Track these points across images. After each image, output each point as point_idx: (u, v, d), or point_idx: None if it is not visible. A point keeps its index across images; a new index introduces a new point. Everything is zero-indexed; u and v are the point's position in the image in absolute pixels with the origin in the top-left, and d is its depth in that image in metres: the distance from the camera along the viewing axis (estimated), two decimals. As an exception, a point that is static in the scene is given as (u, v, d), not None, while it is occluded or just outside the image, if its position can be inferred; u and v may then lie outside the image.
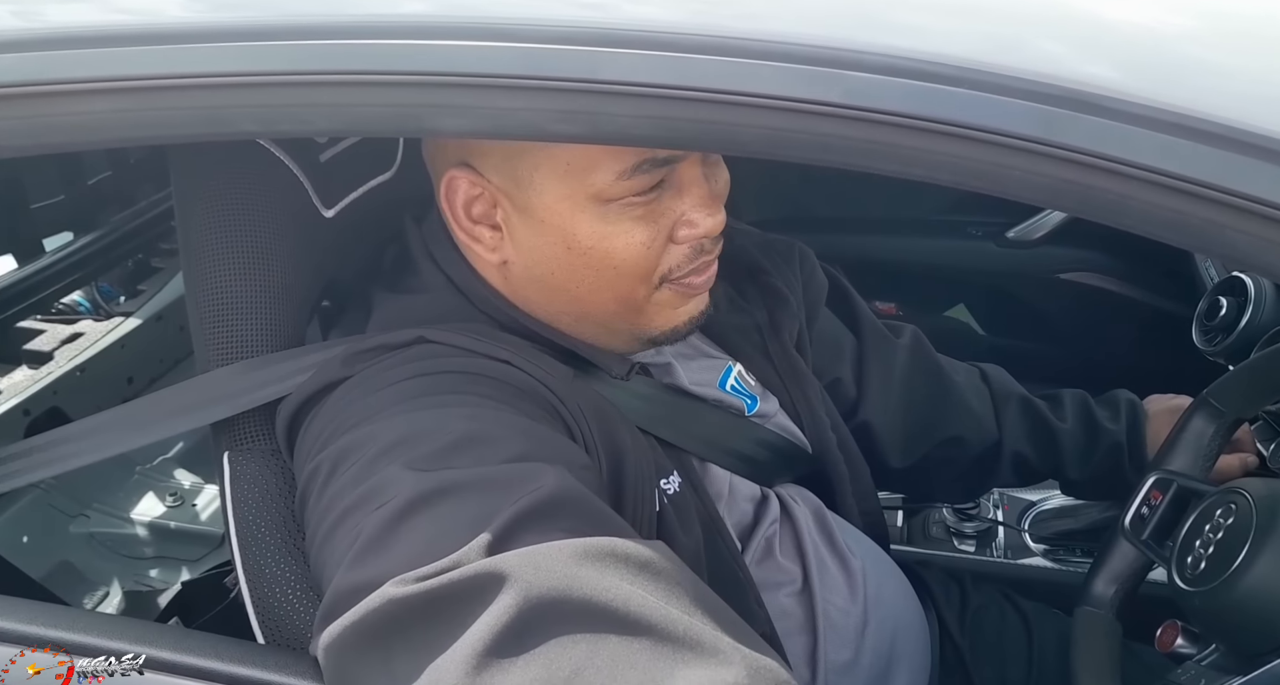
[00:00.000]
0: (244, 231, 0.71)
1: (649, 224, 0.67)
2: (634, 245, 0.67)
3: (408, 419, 0.58)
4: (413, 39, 0.52)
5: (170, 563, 1.37)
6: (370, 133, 0.69)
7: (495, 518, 0.48)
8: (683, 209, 0.67)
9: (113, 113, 0.52)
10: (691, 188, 0.67)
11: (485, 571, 0.45)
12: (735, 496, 0.83)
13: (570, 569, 0.46)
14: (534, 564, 0.45)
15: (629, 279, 0.69)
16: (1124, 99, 0.43)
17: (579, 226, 0.66)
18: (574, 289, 0.70)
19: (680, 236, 0.68)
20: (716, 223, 0.68)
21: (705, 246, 0.70)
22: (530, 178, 0.66)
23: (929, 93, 0.45)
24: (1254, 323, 1.06)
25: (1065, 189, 0.45)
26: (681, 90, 0.48)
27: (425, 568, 0.46)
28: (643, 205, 0.66)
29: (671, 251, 0.69)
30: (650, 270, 0.69)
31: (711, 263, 0.72)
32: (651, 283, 0.70)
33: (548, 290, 0.71)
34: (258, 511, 0.66)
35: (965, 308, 1.91)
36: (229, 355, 0.70)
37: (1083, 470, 1.03)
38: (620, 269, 0.68)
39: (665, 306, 0.72)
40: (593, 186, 0.64)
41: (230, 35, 0.52)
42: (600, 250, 0.67)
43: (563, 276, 0.69)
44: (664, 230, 0.68)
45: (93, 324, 1.47)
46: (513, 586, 0.44)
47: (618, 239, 0.66)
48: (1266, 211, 0.41)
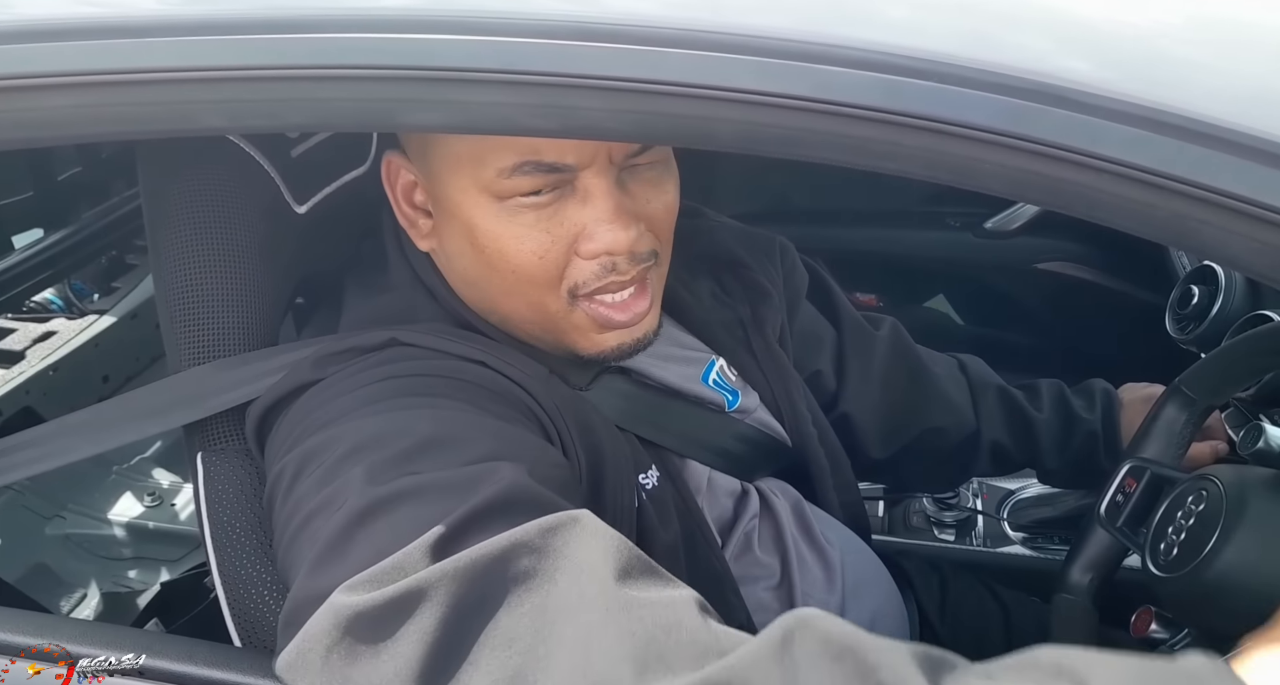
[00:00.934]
0: (214, 229, 0.70)
1: (542, 232, 0.64)
2: (525, 251, 0.64)
3: (374, 422, 0.57)
4: (384, 33, 0.51)
5: (149, 563, 1.36)
6: (341, 127, 0.68)
7: (446, 519, 0.48)
8: (584, 220, 0.64)
9: (74, 108, 0.51)
10: (596, 199, 0.64)
11: (412, 588, 0.45)
12: (715, 491, 0.83)
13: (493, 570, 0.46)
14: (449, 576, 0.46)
15: (531, 287, 0.66)
16: (1094, 93, 0.43)
17: (476, 221, 0.65)
18: (489, 289, 0.69)
19: (583, 250, 0.65)
20: (617, 239, 0.64)
21: (619, 266, 0.66)
22: (439, 168, 0.65)
23: (899, 86, 0.45)
24: (1224, 311, 1.07)
25: (1035, 181, 0.45)
26: (653, 84, 0.47)
27: (369, 571, 0.46)
28: (534, 210, 0.64)
29: (576, 265, 0.66)
30: (550, 281, 0.66)
31: (628, 286, 0.68)
32: (560, 296, 0.67)
33: (472, 287, 0.71)
34: (232, 512, 0.65)
35: (945, 298, 1.92)
36: (201, 355, 0.70)
37: (1060, 459, 1.04)
38: (519, 274, 0.66)
39: (587, 330, 0.69)
40: (481, 181, 0.63)
41: (197, 29, 0.51)
42: (495, 250, 0.65)
43: (476, 274, 0.69)
44: (562, 240, 0.65)
45: (65, 322, 1.44)
46: (434, 599, 0.45)
47: (509, 242, 0.64)
48: (1234, 205, 0.42)
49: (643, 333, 0.72)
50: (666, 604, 0.45)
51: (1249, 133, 0.42)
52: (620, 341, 0.71)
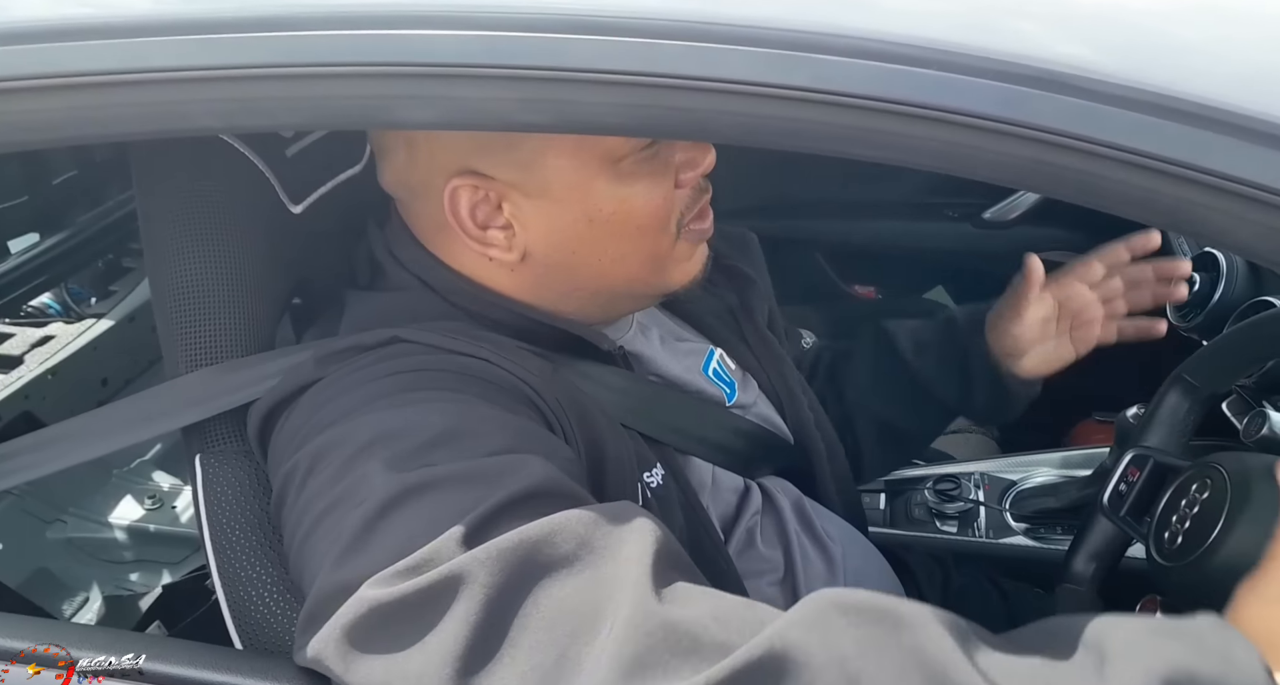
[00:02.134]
0: (209, 230, 0.69)
1: (659, 176, 0.68)
2: (654, 202, 0.68)
3: (385, 416, 0.57)
4: (375, 29, 0.51)
5: (151, 566, 1.35)
6: (334, 126, 0.68)
7: (475, 510, 0.48)
8: (680, 153, 0.69)
9: (66, 110, 0.50)
10: None
11: (447, 576, 0.45)
12: (718, 487, 0.83)
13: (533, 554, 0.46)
14: (488, 565, 0.45)
15: (653, 235, 0.70)
16: (1094, 77, 0.43)
17: (597, 194, 0.67)
18: (598, 262, 0.71)
19: (683, 179, 0.70)
20: (713, 156, 0.71)
21: (702, 184, 0.72)
22: (537, 159, 0.65)
23: (897, 75, 0.44)
24: (1226, 298, 1.07)
25: (1037, 169, 0.44)
26: (648, 76, 0.47)
27: (400, 563, 0.46)
28: (650, 160, 0.67)
29: (679, 196, 0.71)
30: (666, 222, 0.70)
31: (708, 202, 0.74)
32: (671, 232, 0.71)
33: (568, 271, 0.71)
34: (231, 514, 0.65)
35: (944, 289, 1.92)
36: (198, 359, 0.69)
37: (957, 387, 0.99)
38: (644, 226, 0.69)
39: (682, 259, 0.74)
40: (605, 149, 0.65)
41: (187, 28, 0.51)
42: (622, 213, 0.68)
43: (586, 253, 0.70)
44: (671, 179, 0.69)
45: (64, 326, 1.44)
46: (472, 587, 0.45)
47: (638, 199, 0.68)
48: (1237, 189, 0.41)
49: (708, 250, 0.78)
50: (703, 595, 0.47)
51: (1252, 115, 0.41)
52: (701, 261, 0.76)
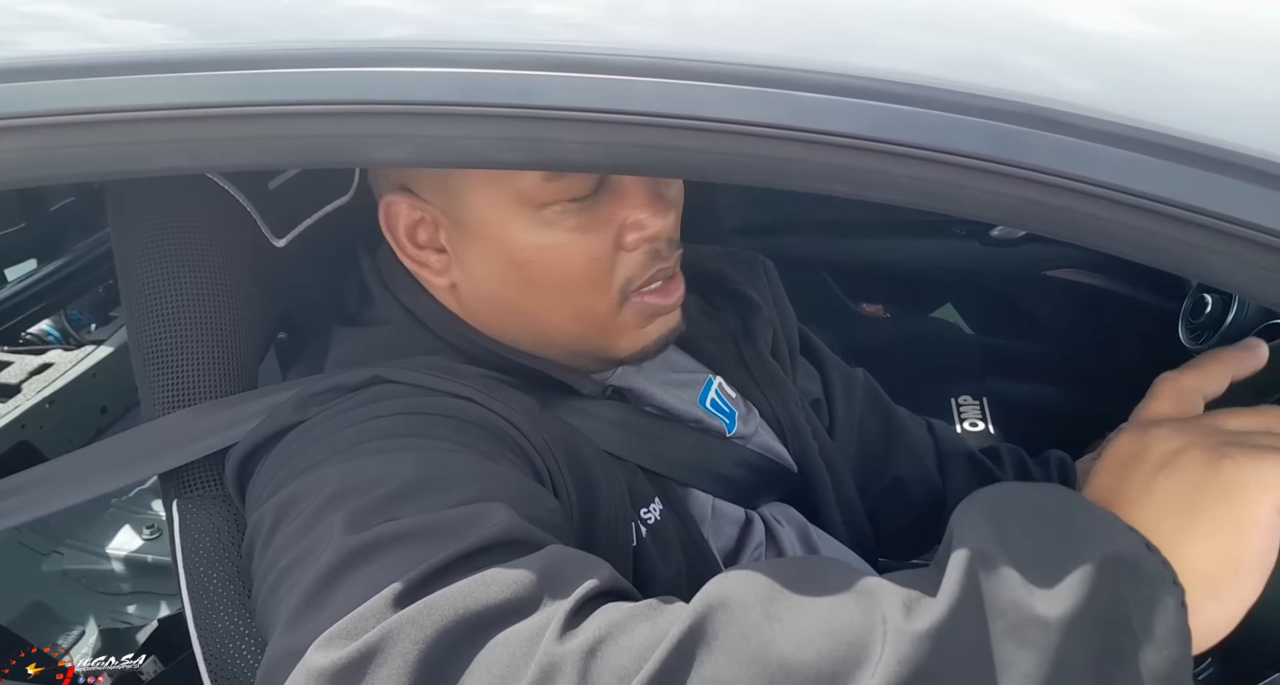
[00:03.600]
0: (187, 266, 0.68)
1: (591, 232, 0.64)
2: (576, 256, 0.64)
3: (355, 465, 0.55)
4: (346, 66, 0.49)
5: (148, 598, 1.34)
6: (305, 165, 0.67)
7: (423, 564, 0.45)
8: (625, 212, 0.64)
9: (24, 151, 0.49)
10: (632, 188, 0.64)
11: (381, 635, 0.43)
12: (719, 519, 0.81)
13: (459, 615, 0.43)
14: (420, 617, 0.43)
15: (582, 293, 0.66)
16: (1084, 114, 0.41)
17: (515, 237, 0.64)
18: (529, 306, 0.68)
19: (629, 242, 0.65)
20: (666, 223, 0.65)
21: (661, 251, 0.67)
22: (462, 190, 0.64)
23: (881, 112, 0.42)
24: (1239, 320, 1.05)
25: (1026, 209, 0.42)
26: (624, 114, 0.45)
27: (337, 625, 0.44)
28: (578, 213, 0.63)
29: (624, 260, 0.66)
30: (601, 282, 0.66)
31: (673, 274, 0.69)
32: (611, 296, 0.67)
33: (502, 312, 0.69)
34: (209, 563, 0.63)
35: (953, 307, 1.90)
36: (176, 400, 0.67)
37: None
38: (570, 282, 0.65)
39: (631, 327, 0.69)
40: (520, 191, 0.62)
41: (150, 66, 0.49)
42: (542, 262, 0.64)
43: (514, 294, 0.67)
44: (609, 238, 0.65)
45: (62, 353, 1.44)
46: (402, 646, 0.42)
47: (557, 250, 0.64)
48: (1237, 231, 0.39)
49: (677, 321, 0.72)
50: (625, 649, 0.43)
51: (1251, 154, 0.39)
52: (660, 332, 0.71)
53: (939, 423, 1.08)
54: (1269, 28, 0.54)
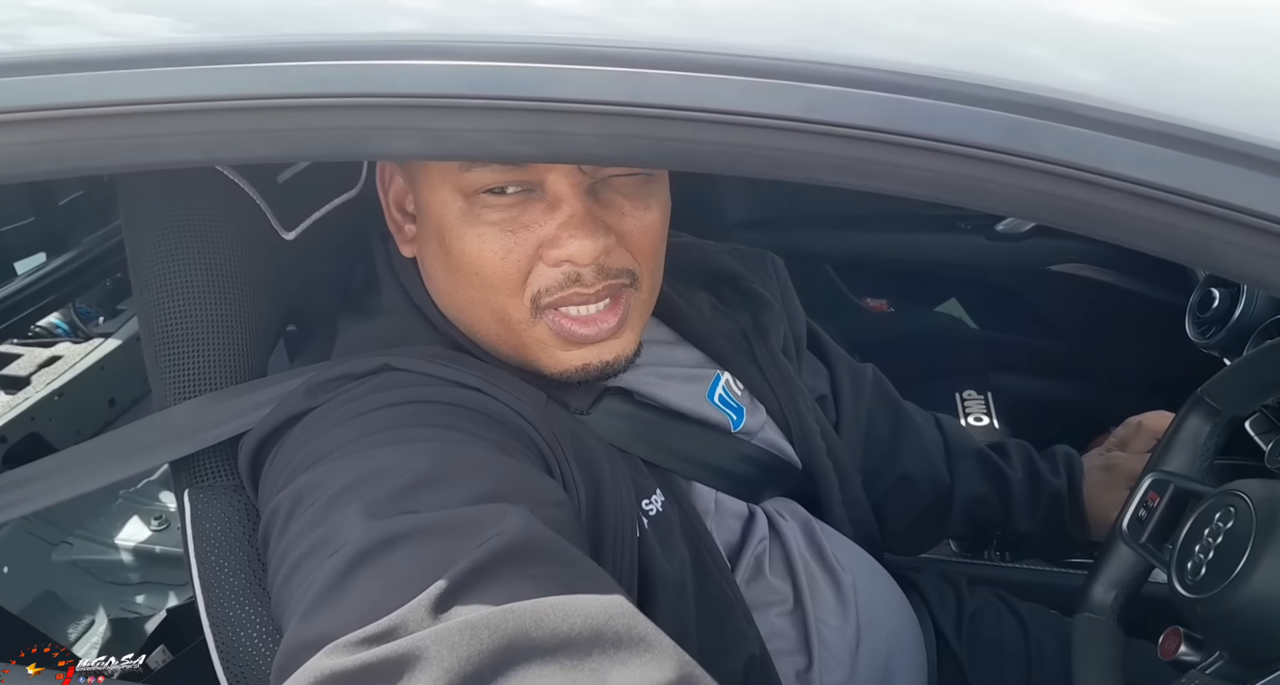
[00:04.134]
0: (197, 259, 0.68)
1: (506, 232, 0.63)
2: (487, 251, 0.63)
3: (367, 456, 0.55)
4: (355, 60, 0.50)
5: (157, 588, 1.35)
6: (314, 157, 0.67)
7: (448, 569, 0.45)
8: (549, 226, 0.63)
9: (34, 144, 0.49)
10: (562, 204, 0.62)
11: (405, 652, 0.42)
12: (722, 513, 0.81)
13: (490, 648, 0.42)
14: (451, 643, 0.42)
15: (493, 291, 0.65)
16: (1101, 106, 0.41)
17: (445, 219, 0.65)
18: (457, 296, 0.68)
19: (548, 257, 0.63)
20: (583, 247, 0.61)
21: (583, 277, 0.64)
22: (416, 167, 0.66)
23: (895, 104, 0.42)
24: (1247, 315, 1.04)
25: (1042, 201, 0.42)
26: (634, 107, 0.45)
27: (364, 630, 0.43)
28: (500, 209, 0.63)
29: (540, 271, 0.64)
30: (512, 285, 0.64)
31: (593, 300, 0.65)
32: (523, 304, 0.65)
33: (444, 295, 0.70)
34: (220, 552, 0.64)
35: (958, 302, 1.89)
36: (186, 390, 0.68)
37: (1031, 520, 1.01)
38: (481, 275, 0.65)
39: (549, 345, 0.67)
40: (449, 176, 0.63)
41: (159, 60, 0.49)
42: (459, 250, 0.64)
43: (445, 281, 0.68)
44: (526, 243, 0.63)
45: (71, 346, 1.44)
46: (431, 668, 0.41)
47: (472, 241, 0.64)
48: (1256, 223, 0.39)
49: (613, 356, 0.68)
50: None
51: (1269, 145, 0.39)
52: (586, 361, 0.67)
53: (947, 419, 1.08)
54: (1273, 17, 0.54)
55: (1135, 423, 1.05)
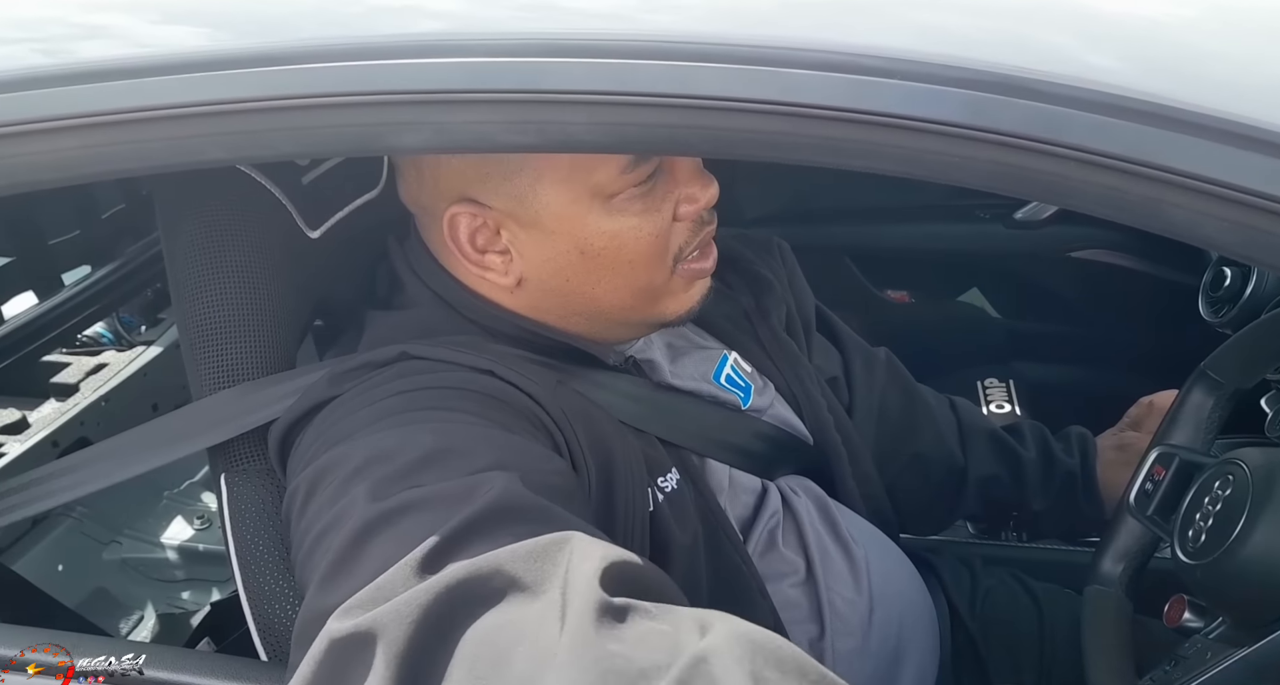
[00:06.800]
0: (228, 257, 0.73)
1: (653, 212, 0.69)
2: (645, 236, 0.70)
3: (381, 437, 0.59)
4: (370, 60, 0.54)
5: (200, 585, 1.39)
6: (334, 153, 0.71)
7: (436, 534, 0.48)
8: (680, 189, 0.70)
9: (80, 149, 0.54)
10: (681, 164, 0.70)
11: (379, 616, 0.44)
12: (736, 489, 0.84)
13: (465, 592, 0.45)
14: (427, 595, 0.44)
15: (646, 269, 0.71)
16: (1053, 81, 0.43)
17: (589, 227, 0.68)
18: (591, 290, 0.72)
19: (682, 213, 0.71)
20: (714, 191, 0.72)
21: (704, 218, 0.73)
22: (532, 191, 0.67)
23: (863, 85, 0.45)
24: (1258, 292, 1.04)
25: (1003, 172, 0.45)
26: (621, 95, 0.48)
27: (359, 594, 0.46)
28: (643, 196, 0.68)
29: (677, 230, 0.72)
30: (662, 256, 0.71)
31: (712, 236, 0.75)
32: (667, 266, 0.72)
33: (563, 297, 0.73)
34: (255, 531, 0.68)
35: (979, 291, 1.89)
36: (219, 381, 0.72)
37: (1044, 500, 1.03)
38: (636, 261, 0.70)
39: (678, 291, 0.75)
40: (596, 185, 0.67)
41: (191, 66, 0.54)
42: (614, 247, 0.69)
43: (579, 281, 0.72)
44: (668, 214, 0.70)
45: (116, 354, 1.49)
46: (397, 630, 0.43)
47: (629, 233, 0.69)
48: (1200, 186, 0.41)
49: (710, 282, 0.78)
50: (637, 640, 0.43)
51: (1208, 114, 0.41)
52: (701, 292, 0.77)
53: (961, 400, 1.09)
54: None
55: (1147, 402, 1.06)
